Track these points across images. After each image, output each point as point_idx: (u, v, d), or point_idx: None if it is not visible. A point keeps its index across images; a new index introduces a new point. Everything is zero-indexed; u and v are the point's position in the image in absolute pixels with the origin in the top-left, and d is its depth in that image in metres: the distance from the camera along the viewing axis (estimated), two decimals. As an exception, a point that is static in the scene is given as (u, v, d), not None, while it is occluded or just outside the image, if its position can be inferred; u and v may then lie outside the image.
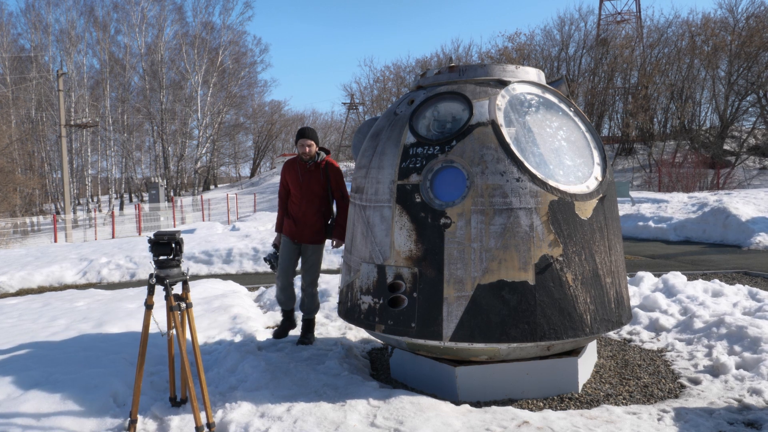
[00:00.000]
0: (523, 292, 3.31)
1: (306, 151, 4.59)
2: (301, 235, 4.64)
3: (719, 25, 31.88)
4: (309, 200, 4.61)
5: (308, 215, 4.61)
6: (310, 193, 4.62)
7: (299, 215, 4.62)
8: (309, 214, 4.61)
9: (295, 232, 4.64)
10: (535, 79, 3.92)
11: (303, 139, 4.61)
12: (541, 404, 3.43)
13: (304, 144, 4.60)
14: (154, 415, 3.28)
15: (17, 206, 29.24)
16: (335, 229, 4.68)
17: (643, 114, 31.54)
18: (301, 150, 4.61)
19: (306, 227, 4.61)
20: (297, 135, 4.68)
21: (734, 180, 26.17)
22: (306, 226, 4.61)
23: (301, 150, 4.61)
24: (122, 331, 4.99)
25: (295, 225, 4.63)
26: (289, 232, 4.68)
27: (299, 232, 4.63)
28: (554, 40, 37.32)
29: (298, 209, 4.64)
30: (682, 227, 12.08)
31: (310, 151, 4.59)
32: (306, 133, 4.65)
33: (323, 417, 3.07)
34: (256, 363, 3.94)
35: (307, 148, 4.59)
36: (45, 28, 40.37)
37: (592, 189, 3.58)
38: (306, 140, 4.60)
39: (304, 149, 4.59)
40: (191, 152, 45.32)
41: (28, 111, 38.26)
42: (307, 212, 4.61)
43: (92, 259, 10.40)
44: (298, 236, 4.64)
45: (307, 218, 4.60)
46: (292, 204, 4.70)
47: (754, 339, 4.19)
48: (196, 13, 53.89)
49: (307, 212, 4.61)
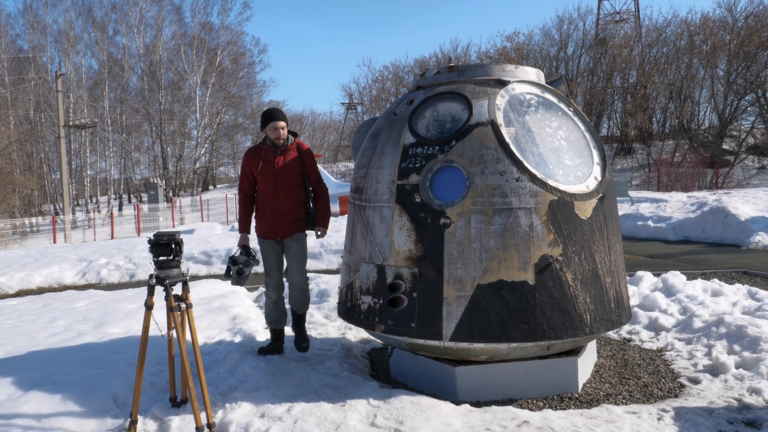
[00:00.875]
0: (523, 291, 3.31)
1: (279, 134, 4.05)
2: (281, 231, 4.11)
3: (718, 24, 31.92)
4: (286, 191, 4.09)
5: (286, 207, 4.09)
6: (286, 183, 4.09)
7: (275, 209, 4.09)
8: (287, 206, 4.10)
9: (273, 229, 4.10)
10: (535, 78, 3.93)
11: (274, 122, 4.04)
12: (541, 404, 3.43)
13: (276, 127, 4.05)
14: (154, 416, 3.28)
15: (16, 207, 29.21)
16: (317, 217, 4.20)
17: (641, 113, 31.58)
18: (273, 135, 4.06)
19: (285, 221, 4.10)
20: (264, 118, 4.11)
21: (733, 179, 26.20)
22: (285, 220, 4.10)
23: (274, 135, 4.06)
24: (122, 332, 4.99)
25: (272, 222, 4.10)
26: (265, 232, 4.15)
27: (279, 229, 4.10)
28: (553, 39, 37.38)
29: (274, 202, 4.09)
30: (681, 227, 12.08)
31: (283, 134, 4.07)
32: (276, 114, 4.09)
33: (323, 417, 3.07)
34: (255, 363, 3.94)
35: (281, 131, 4.05)
36: (43, 28, 40.36)
37: (592, 189, 3.58)
38: (278, 122, 4.04)
39: (277, 133, 4.05)
40: (190, 153, 45.30)
41: (27, 112, 38.22)
42: (285, 204, 4.09)
43: (91, 259, 10.39)
44: (278, 233, 4.11)
45: (285, 211, 4.09)
46: (263, 198, 4.13)
47: (753, 338, 4.20)
48: (195, 13, 53.79)
49: (285, 204, 4.09)
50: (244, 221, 4.27)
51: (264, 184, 4.13)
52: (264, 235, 4.17)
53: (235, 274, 3.91)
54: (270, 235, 4.14)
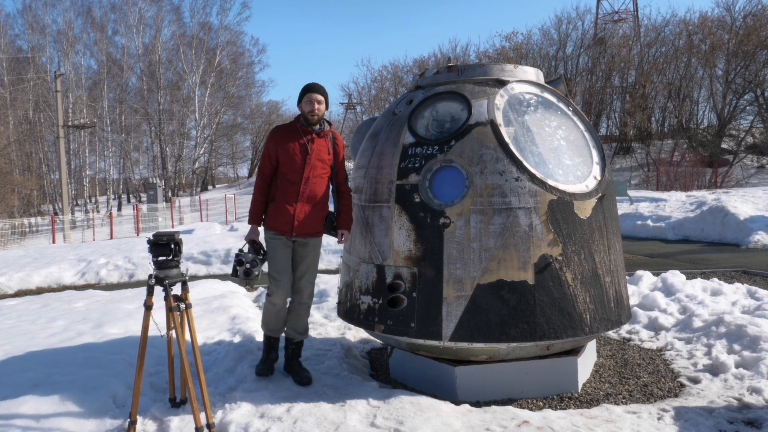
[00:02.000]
0: (523, 291, 3.30)
1: (314, 108, 3.55)
2: (302, 225, 3.56)
3: (716, 23, 31.95)
4: (317, 177, 3.59)
5: (316, 197, 3.59)
6: (318, 167, 3.59)
7: (302, 198, 3.55)
8: (317, 197, 3.59)
9: (293, 223, 3.54)
10: (534, 78, 3.93)
11: (312, 94, 3.55)
12: (540, 404, 3.43)
13: (312, 100, 3.55)
14: (153, 416, 3.27)
15: (15, 207, 29.18)
16: (342, 219, 3.70)
17: (640, 113, 31.59)
18: (307, 108, 3.56)
19: (311, 215, 3.58)
20: (303, 91, 3.60)
21: (732, 178, 26.22)
22: (311, 213, 3.58)
23: (308, 108, 3.56)
24: (121, 332, 4.99)
25: (294, 213, 3.54)
26: (281, 226, 3.55)
27: (301, 223, 3.55)
28: (552, 39, 37.37)
29: (302, 190, 3.55)
30: (680, 226, 12.09)
31: (319, 110, 3.57)
32: (315, 86, 3.60)
33: (323, 417, 3.07)
34: (255, 363, 3.93)
35: (316, 105, 3.55)
36: (42, 29, 40.35)
37: (591, 188, 3.58)
38: (315, 94, 3.56)
39: (312, 106, 3.55)
40: (189, 153, 45.27)
41: (26, 112, 38.18)
42: (315, 193, 3.58)
43: (91, 260, 10.38)
44: (299, 228, 3.55)
45: (313, 202, 3.58)
46: (287, 185, 3.57)
47: (753, 338, 4.20)
48: (194, 13, 53.88)
49: (314, 194, 3.58)
50: (258, 211, 3.65)
51: (291, 168, 3.55)
52: (279, 228, 3.56)
53: (243, 275, 3.48)
54: (287, 229, 3.55)
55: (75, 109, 38.33)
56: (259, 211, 3.66)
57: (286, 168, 3.58)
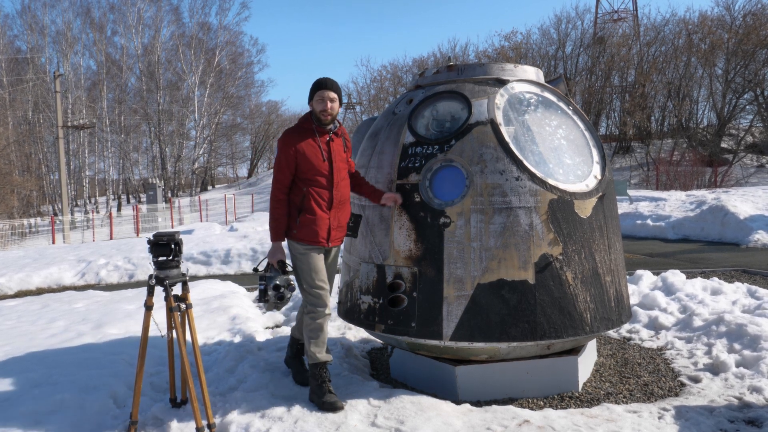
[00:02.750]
0: (523, 291, 3.30)
1: (327, 107, 3.26)
2: (337, 233, 3.37)
3: (716, 22, 31.93)
4: (344, 180, 3.37)
5: (345, 201, 3.40)
6: (342, 170, 3.37)
7: (335, 205, 3.32)
8: (346, 201, 3.41)
9: (330, 232, 3.32)
10: (534, 77, 3.92)
11: (323, 91, 3.25)
12: (541, 403, 3.43)
13: (324, 98, 3.25)
14: (154, 416, 3.27)
15: (15, 208, 29.16)
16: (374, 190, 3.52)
17: (640, 112, 31.59)
18: (319, 107, 3.26)
19: (342, 221, 3.40)
20: (313, 86, 3.30)
21: (732, 178, 26.21)
22: (342, 219, 3.40)
23: (320, 107, 3.26)
24: (121, 332, 4.98)
25: (329, 222, 3.30)
26: (317, 237, 3.28)
27: (336, 231, 3.35)
28: (551, 39, 37.36)
29: (335, 196, 3.31)
30: (680, 225, 12.09)
31: (333, 109, 3.28)
32: (327, 82, 3.29)
33: (324, 417, 3.06)
34: (255, 363, 3.93)
35: (328, 104, 3.25)
36: (41, 29, 40.32)
37: (592, 187, 3.58)
38: (328, 92, 3.25)
39: (324, 105, 3.25)
40: (188, 153, 45.24)
41: (25, 113, 38.15)
42: (345, 197, 3.39)
43: (90, 260, 10.37)
44: (335, 236, 3.36)
45: (344, 207, 3.39)
46: (316, 193, 3.27)
47: (753, 337, 4.19)
48: (193, 13, 53.72)
49: (344, 198, 3.39)
50: (283, 225, 3.29)
51: (317, 173, 3.26)
52: (314, 240, 3.28)
53: (275, 300, 3.18)
54: (323, 240, 3.29)
55: (74, 110, 38.31)
56: (284, 227, 3.29)
57: (309, 175, 3.26)
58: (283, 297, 3.19)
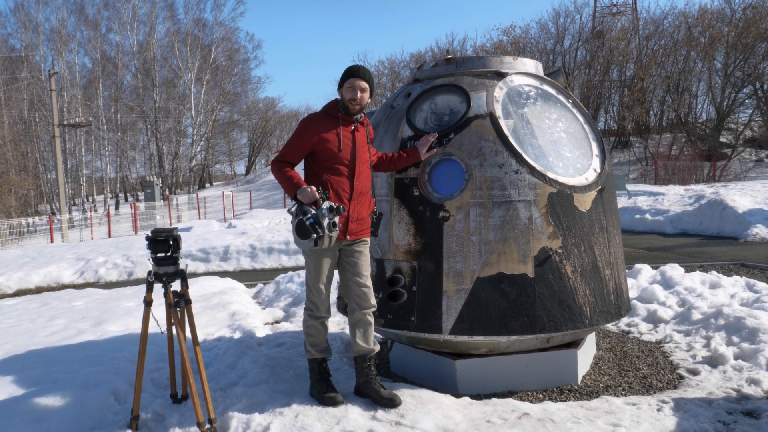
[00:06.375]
0: (523, 284, 3.31)
1: (357, 96, 3.11)
2: (354, 228, 3.17)
3: (716, 16, 31.86)
4: (365, 174, 3.22)
5: (366, 195, 3.24)
6: (366, 161, 3.22)
7: (355, 196, 3.16)
8: (367, 192, 3.25)
9: (349, 225, 3.14)
10: (533, 70, 3.91)
11: (353, 79, 3.11)
12: (541, 396, 3.44)
13: (355, 86, 3.11)
14: (155, 412, 3.28)
15: (12, 207, 29.10)
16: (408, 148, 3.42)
17: (639, 107, 31.56)
18: (349, 95, 3.12)
19: (361, 215, 3.21)
20: (345, 75, 3.15)
21: (730, 172, 26.21)
22: (362, 213, 3.21)
23: (349, 95, 3.12)
24: (121, 330, 4.98)
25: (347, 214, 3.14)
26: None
27: (354, 227, 3.17)
28: (549, 33, 37.25)
29: (356, 185, 3.16)
30: (678, 220, 12.10)
31: (362, 99, 3.14)
32: (359, 70, 3.13)
33: (324, 411, 3.07)
34: (255, 358, 3.94)
35: (358, 93, 3.11)
36: (35, 27, 40.10)
37: (591, 181, 3.58)
38: (359, 80, 3.10)
39: (354, 93, 3.11)
40: (186, 150, 45.15)
41: (21, 111, 38.02)
42: (366, 188, 3.23)
43: (89, 258, 10.37)
44: (352, 229, 3.15)
45: (363, 200, 3.22)
46: (335, 182, 3.13)
47: (752, 330, 4.21)
48: (188, 9, 53.46)
49: (366, 189, 3.23)
50: (295, 174, 3.12)
51: (339, 161, 3.12)
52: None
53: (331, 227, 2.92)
54: (340, 233, 3.11)
55: (70, 108, 38.16)
56: (296, 175, 3.11)
57: (329, 163, 3.11)
58: (336, 224, 2.96)
